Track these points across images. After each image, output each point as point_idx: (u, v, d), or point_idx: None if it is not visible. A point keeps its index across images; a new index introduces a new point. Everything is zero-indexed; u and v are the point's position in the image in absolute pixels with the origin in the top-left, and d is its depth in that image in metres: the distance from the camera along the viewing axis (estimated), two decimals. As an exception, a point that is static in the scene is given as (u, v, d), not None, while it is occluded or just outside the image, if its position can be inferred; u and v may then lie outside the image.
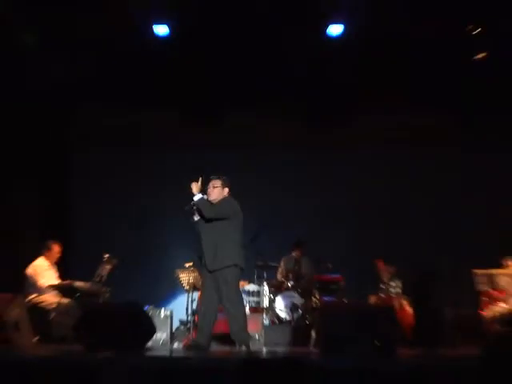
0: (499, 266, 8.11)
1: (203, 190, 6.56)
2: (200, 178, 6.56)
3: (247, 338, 6.48)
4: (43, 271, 8.08)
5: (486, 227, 9.64)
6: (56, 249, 8.32)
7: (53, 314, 7.79)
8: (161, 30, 8.58)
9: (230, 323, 6.43)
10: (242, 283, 8.98)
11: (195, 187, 6.50)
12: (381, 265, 8.68)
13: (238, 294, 6.64)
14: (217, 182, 6.63)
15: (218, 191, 6.61)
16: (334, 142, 10.33)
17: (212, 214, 6.48)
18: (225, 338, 7.35)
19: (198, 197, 6.46)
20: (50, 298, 7.92)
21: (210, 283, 6.51)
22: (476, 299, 8.51)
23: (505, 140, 9.87)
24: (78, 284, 8.03)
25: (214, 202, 6.58)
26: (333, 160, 10.40)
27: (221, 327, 7.23)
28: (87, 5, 7.94)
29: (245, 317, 6.57)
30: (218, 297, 6.49)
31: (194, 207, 6.54)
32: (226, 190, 6.67)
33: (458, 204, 9.93)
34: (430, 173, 10.17)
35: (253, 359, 5.21)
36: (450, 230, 9.81)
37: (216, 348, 7.25)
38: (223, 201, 6.58)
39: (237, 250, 6.51)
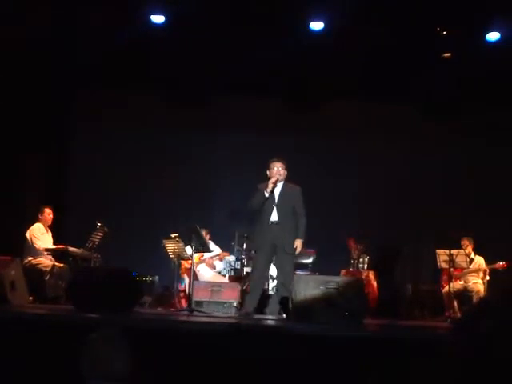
0: (459, 245, 8.15)
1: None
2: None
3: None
4: (39, 235, 7.98)
5: (448, 208, 9.61)
6: (48, 212, 8.18)
7: (47, 276, 7.70)
8: (157, 18, 8.41)
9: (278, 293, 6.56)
10: (223, 254, 8.96)
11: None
12: (351, 242, 8.71)
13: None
14: (283, 165, 6.54)
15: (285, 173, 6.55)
16: (309, 124, 10.14)
17: None
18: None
19: None
20: (46, 261, 7.83)
21: (269, 256, 6.49)
22: (437, 276, 8.57)
23: (468, 126, 9.83)
24: (72, 249, 8.00)
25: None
26: (308, 142, 10.24)
27: (228, 295, 7.44)
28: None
29: None
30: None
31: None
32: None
33: (423, 184, 9.86)
34: (396, 155, 9.94)
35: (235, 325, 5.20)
36: (415, 211, 9.78)
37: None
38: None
39: None
